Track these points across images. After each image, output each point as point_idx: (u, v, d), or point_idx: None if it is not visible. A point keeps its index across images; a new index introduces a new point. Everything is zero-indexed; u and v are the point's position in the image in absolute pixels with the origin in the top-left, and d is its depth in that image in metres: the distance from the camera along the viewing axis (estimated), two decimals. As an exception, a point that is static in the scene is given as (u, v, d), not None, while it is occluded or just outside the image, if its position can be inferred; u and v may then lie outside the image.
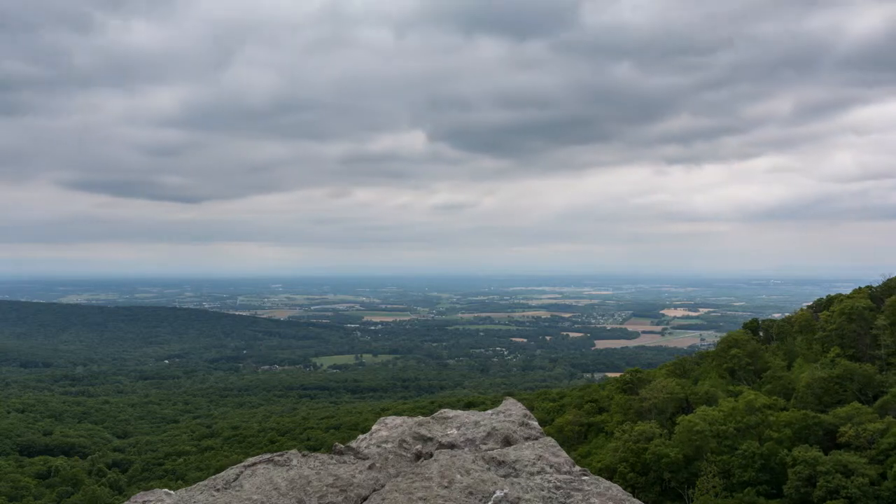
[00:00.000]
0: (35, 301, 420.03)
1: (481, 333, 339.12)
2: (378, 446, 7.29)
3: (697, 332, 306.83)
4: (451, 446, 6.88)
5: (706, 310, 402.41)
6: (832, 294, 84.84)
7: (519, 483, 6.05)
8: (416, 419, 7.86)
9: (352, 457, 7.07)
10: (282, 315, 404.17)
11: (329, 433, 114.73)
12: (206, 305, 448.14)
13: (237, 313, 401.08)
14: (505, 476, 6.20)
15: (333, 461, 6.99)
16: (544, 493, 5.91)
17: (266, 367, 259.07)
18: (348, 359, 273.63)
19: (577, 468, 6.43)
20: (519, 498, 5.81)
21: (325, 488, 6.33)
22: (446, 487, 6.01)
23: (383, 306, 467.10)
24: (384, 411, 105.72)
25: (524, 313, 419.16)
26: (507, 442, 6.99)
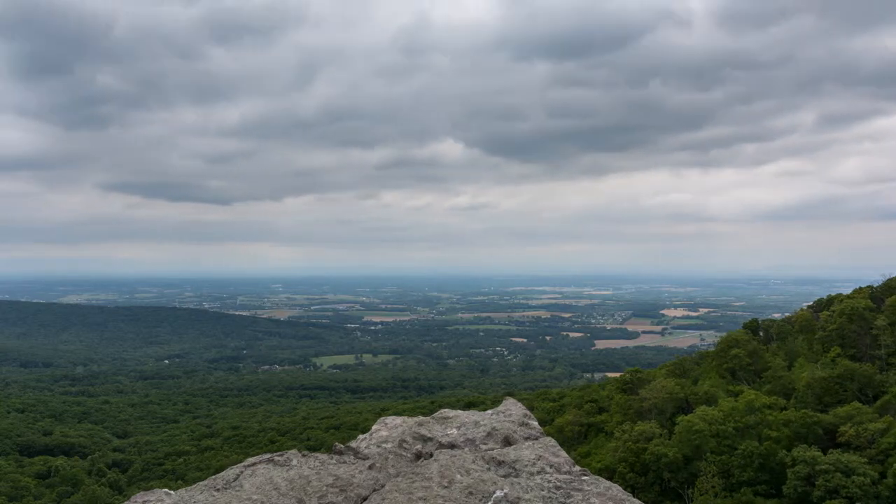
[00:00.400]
0: (35, 301, 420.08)
1: (481, 333, 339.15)
2: (378, 446, 7.29)
3: (697, 332, 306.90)
4: (451, 446, 6.88)
5: (706, 310, 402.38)
6: (832, 294, 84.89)
7: (519, 483, 6.06)
8: (416, 419, 7.87)
9: (352, 457, 7.07)
10: (282, 315, 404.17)
11: (329, 433, 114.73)
12: (206, 305, 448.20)
13: (237, 313, 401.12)
14: (505, 476, 6.20)
15: (333, 461, 6.99)
16: (544, 493, 5.91)
17: (266, 367, 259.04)
18: (348, 359, 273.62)
19: (577, 468, 6.43)
20: (519, 498, 5.82)
21: (325, 488, 6.33)
22: (446, 487, 6.01)
23: (383, 306, 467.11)
24: (384, 411, 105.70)
25: (524, 313, 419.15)
26: (507, 442, 7.00)
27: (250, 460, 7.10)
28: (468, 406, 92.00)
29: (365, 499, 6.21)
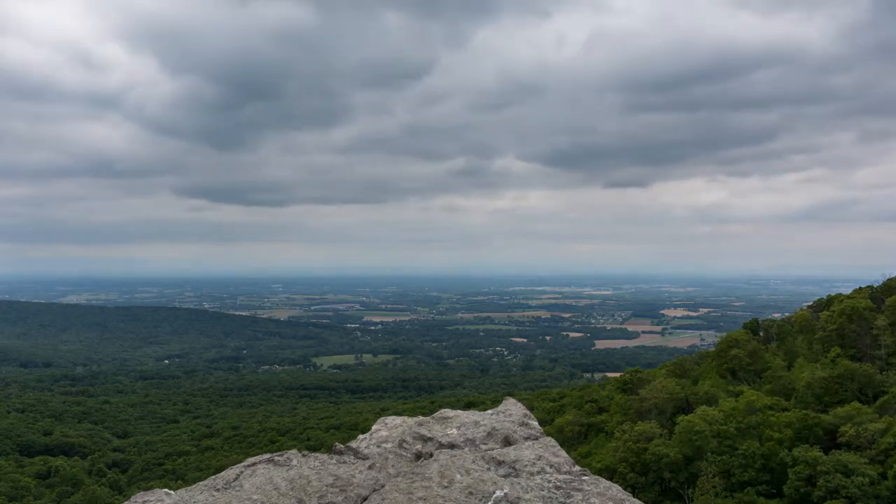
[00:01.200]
0: (35, 301, 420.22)
1: (481, 333, 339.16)
2: (378, 446, 7.29)
3: (697, 332, 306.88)
4: (452, 446, 6.88)
5: (706, 310, 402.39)
6: (832, 294, 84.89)
7: (519, 483, 6.05)
8: (416, 419, 7.86)
9: (352, 457, 7.07)
10: (282, 315, 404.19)
11: (329, 433, 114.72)
12: (206, 305, 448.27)
13: (237, 313, 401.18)
14: (505, 476, 6.20)
15: (333, 461, 6.99)
16: (544, 493, 5.90)
17: (266, 367, 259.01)
18: (348, 359, 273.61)
19: (577, 468, 6.43)
20: (519, 498, 5.81)
21: (325, 488, 6.33)
22: (446, 487, 6.01)
23: (383, 306, 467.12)
24: (384, 411, 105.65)
25: (524, 313, 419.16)
26: (508, 442, 6.99)
27: (250, 460, 7.09)
28: (468, 406, 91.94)
29: (365, 499, 6.21)
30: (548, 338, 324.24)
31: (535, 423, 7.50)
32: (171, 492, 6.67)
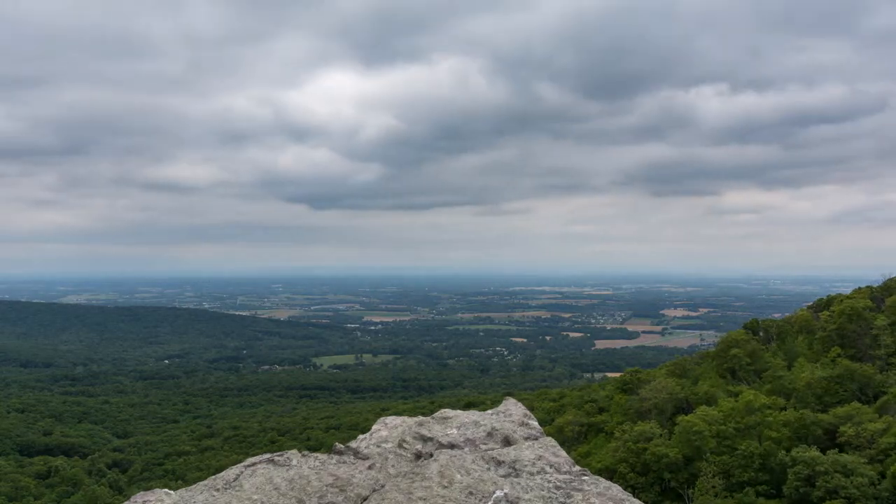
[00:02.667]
0: (35, 301, 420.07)
1: (481, 333, 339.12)
2: (378, 446, 7.29)
3: (697, 332, 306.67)
4: (451, 446, 6.88)
5: (706, 310, 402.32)
6: (832, 294, 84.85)
7: (519, 483, 6.06)
8: (416, 419, 7.86)
9: (352, 457, 7.07)
10: (282, 315, 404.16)
11: (329, 433, 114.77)
12: (206, 305, 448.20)
13: (237, 313, 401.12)
14: (505, 476, 6.20)
15: (333, 461, 6.99)
16: (544, 493, 5.91)
17: (266, 367, 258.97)
18: (348, 359, 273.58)
19: (577, 468, 6.44)
20: (519, 498, 5.82)
21: (325, 488, 6.33)
22: (446, 487, 6.01)
23: (383, 306, 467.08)
24: (384, 411, 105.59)
25: (524, 313, 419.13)
26: (508, 442, 7.00)
27: (250, 460, 7.10)
28: (468, 406, 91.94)
29: (365, 499, 6.21)
30: (548, 338, 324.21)
31: (535, 423, 7.50)
32: (171, 492, 6.67)
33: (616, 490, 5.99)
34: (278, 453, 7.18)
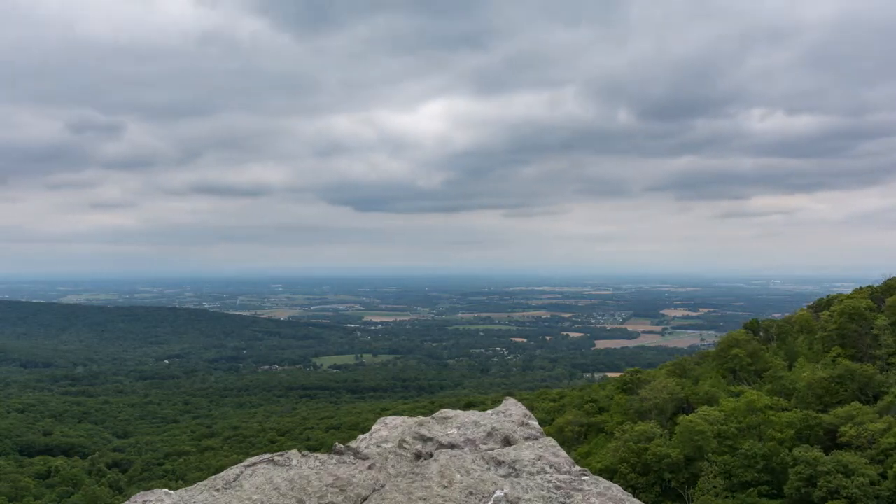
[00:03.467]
0: (35, 301, 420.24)
1: (481, 333, 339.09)
2: (378, 446, 7.28)
3: (697, 332, 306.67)
4: (451, 446, 6.87)
5: (706, 310, 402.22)
6: (832, 294, 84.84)
7: (519, 483, 6.04)
8: (416, 419, 7.85)
9: (352, 457, 7.06)
10: (282, 315, 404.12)
11: (329, 433, 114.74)
12: (206, 305, 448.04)
13: (237, 313, 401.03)
14: (505, 476, 6.19)
15: (333, 461, 6.98)
16: (544, 493, 5.89)
17: (266, 367, 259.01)
18: (348, 359, 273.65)
19: (577, 468, 6.42)
20: (519, 498, 5.80)
21: (325, 488, 6.32)
22: (446, 487, 6.00)
23: (383, 306, 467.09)
24: (384, 411, 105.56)
25: (524, 313, 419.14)
26: (507, 442, 6.98)
27: (250, 460, 7.09)
28: (468, 406, 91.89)
29: (365, 499, 6.20)
30: (548, 338, 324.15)
31: (535, 423, 7.49)
32: (171, 492, 6.66)
33: (616, 490, 5.98)
34: (278, 453, 7.17)
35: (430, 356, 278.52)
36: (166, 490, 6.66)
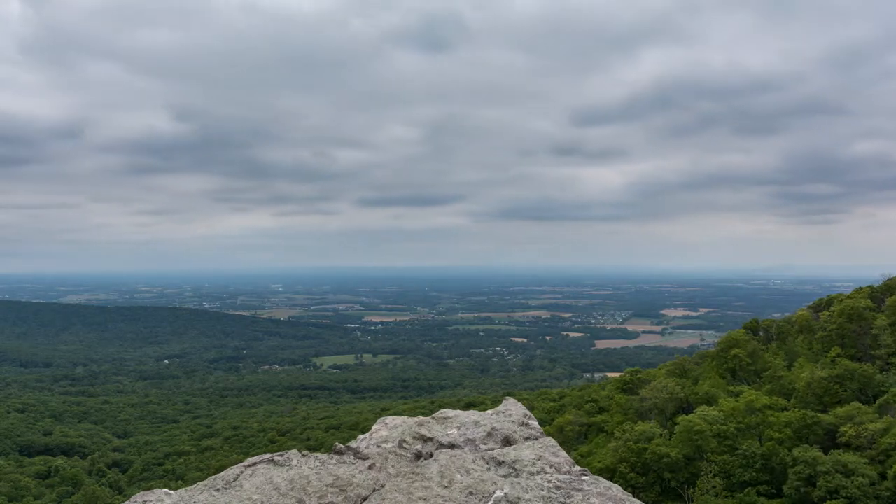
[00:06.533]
0: (35, 301, 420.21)
1: (481, 333, 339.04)
2: (378, 446, 7.28)
3: (697, 332, 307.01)
4: (452, 446, 6.87)
5: (706, 310, 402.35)
6: (832, 294, 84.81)
7: (519, 483, 6.05)
8: (416, 419, 7.86)
9: (352, 457, 7.06)
10: (282, 315, 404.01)
11: (329, 433, 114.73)
12: (206, 305, 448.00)
13: (237, 313, 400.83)
14: (505, 476, 6.20)
15: (333, 461, 6.98)
16: (544, 493, 5.90)
17: (266, 367, 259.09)
18: (348, 359, 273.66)
19: (577, 468, 6.43)
20: (519, 498, 5.81)
21: (325, 488, 6.32)
22: (446, 487, 6.00)
23: (383, 306, 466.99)
24: (384, 411, 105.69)
25: (524, 313, 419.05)
26: (508, 442, 6.99)
27: (250, 460, 7.09)
28: (468, 406, 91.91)
29: (365, 499, 6.20)
30: (548, 338, 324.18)
31: (535, 423, 7.49)
32: (171, 492, 6.66)
33: (616, 490, 5.99)
34: (278, 453, 7.17)
35: (430, 356, 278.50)
36: (166, 490, 6.66)
